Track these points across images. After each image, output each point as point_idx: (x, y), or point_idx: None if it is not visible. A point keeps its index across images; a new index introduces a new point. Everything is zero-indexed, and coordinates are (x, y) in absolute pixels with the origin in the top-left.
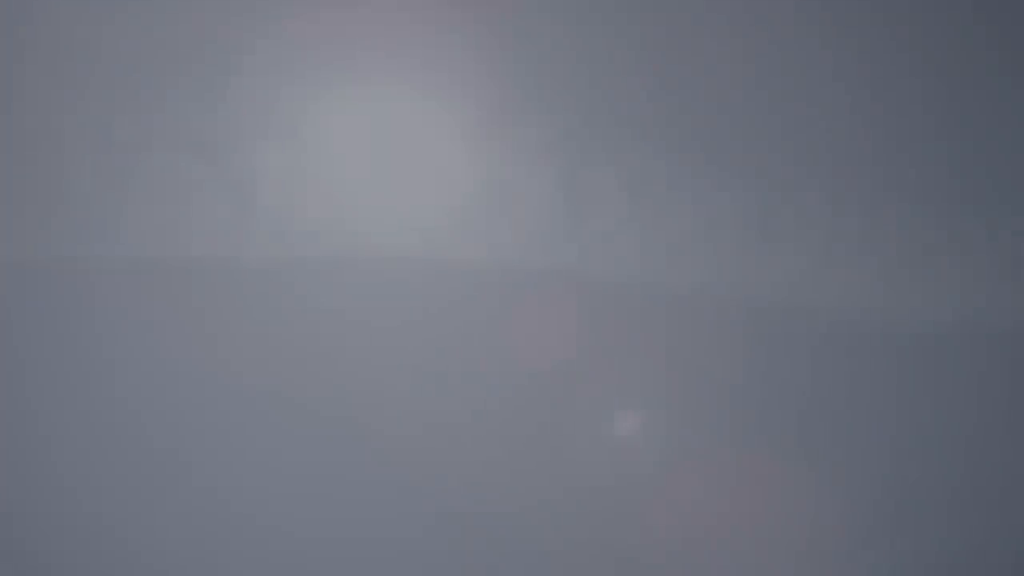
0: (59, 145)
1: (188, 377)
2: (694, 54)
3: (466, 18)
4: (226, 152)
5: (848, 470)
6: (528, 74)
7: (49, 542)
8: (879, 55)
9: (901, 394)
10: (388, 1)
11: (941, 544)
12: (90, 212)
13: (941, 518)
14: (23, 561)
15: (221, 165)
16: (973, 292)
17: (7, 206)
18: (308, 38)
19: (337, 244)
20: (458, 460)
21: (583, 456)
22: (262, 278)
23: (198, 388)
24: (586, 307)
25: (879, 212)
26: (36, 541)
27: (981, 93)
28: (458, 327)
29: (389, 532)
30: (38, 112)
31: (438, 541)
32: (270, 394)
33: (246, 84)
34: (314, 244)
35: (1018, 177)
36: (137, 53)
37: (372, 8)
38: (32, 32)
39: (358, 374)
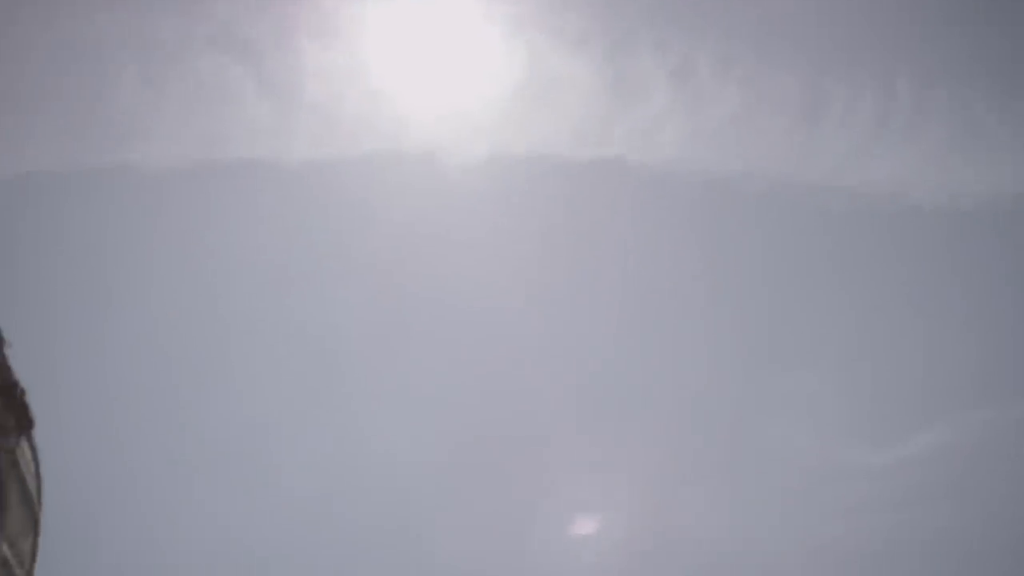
0: (100, 50)
1: (235, 278)
2: None
3: None
4: (268, 52)
5: (899, 347)
6: None
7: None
8: None
9: (954, 271)
10: None
11: (981, 423)
12: (133, 117)
13: (990, 395)
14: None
15: (263, 65)
16: None
17: (50, 114)
18: None
19: (380, 141)
20: (497, 340)
21: (619, 354)
22: (307, 177)
23: (245, 288)
24: (632, 196)
25: (929, 89)
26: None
27: None
28: (502, 218)
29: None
30: (77, 18)
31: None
32: (315, 289)
33: None
34: (358, 142)
35: None
36: None
37: None
38: None
39: (405, 267)
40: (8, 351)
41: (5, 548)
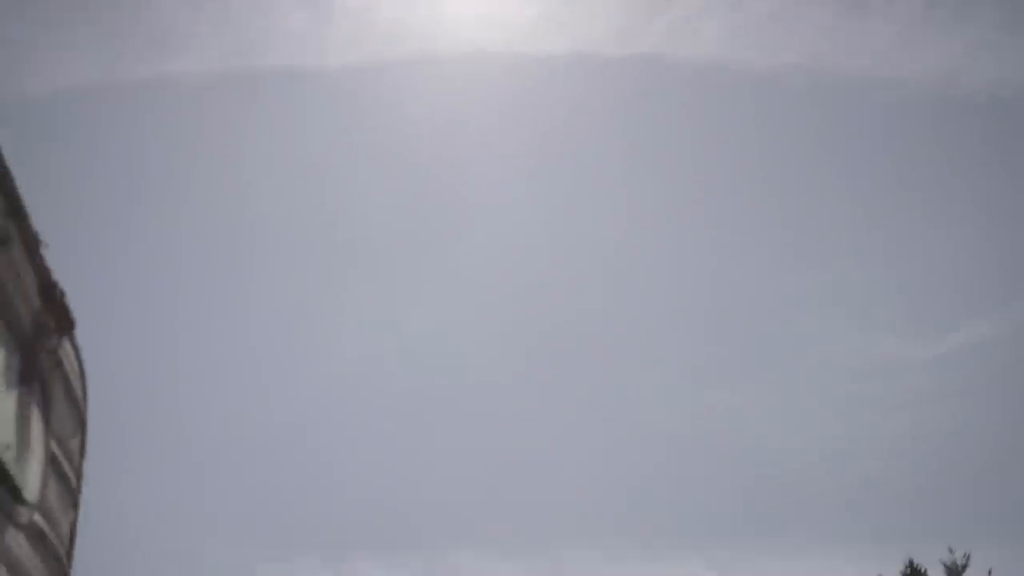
0: None
1: (274, 185)
2: None
3: None
4: None
5: (942, 239)
6: None
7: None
8: None
9: (999, 162)
10: None
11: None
12: (169, 28)
13: None
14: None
15: None
16: None
17: (84, 28)
18: None
19: (417, 44)
20: (533, 242)
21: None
22: (344, 82)
23: (285, 196)
24: (671, 93)
25: None
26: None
27: None
28: (541, 118)
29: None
30: None
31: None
32: (354, 194)
33: None
34: (394, 46)
35: None
36: None
37: None
38: None
39: (443, 170)
40: (46, 252)
41: (53, 445)
